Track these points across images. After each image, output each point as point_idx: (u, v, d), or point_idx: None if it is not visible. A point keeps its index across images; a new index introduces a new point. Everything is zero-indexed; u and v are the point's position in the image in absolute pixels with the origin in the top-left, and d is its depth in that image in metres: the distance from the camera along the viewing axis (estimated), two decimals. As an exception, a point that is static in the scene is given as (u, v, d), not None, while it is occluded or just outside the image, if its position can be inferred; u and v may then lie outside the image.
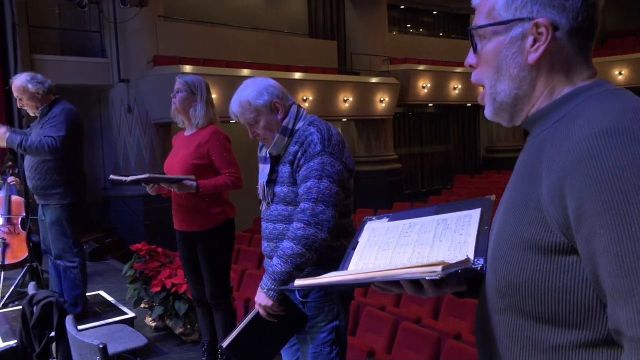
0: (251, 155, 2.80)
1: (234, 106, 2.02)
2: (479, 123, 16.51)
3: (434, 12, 15.97)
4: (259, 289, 1.91)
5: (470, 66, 0.96)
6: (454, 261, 0.87)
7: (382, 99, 11.90)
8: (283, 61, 10.89)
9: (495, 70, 0.89)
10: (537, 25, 0.85)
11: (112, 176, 2.81)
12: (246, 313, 1.98)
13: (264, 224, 2.11)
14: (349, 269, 1.13)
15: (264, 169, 2.07)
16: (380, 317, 3.99)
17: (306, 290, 2.01)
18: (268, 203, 2.07)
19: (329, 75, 11.21)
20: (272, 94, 2.01)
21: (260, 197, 2.10)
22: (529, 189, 0.82)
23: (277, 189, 2.03)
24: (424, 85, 12.70)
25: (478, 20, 0.92)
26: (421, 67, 12.75)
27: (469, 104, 14.47)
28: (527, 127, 0.93)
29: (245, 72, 9.60)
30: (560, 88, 0.87)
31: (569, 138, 0.77)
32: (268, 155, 2.05)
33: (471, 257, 0.94)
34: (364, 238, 1.19)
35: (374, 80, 11.87)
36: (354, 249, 1.18)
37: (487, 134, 16.43)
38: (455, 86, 13.36)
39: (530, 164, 0.85)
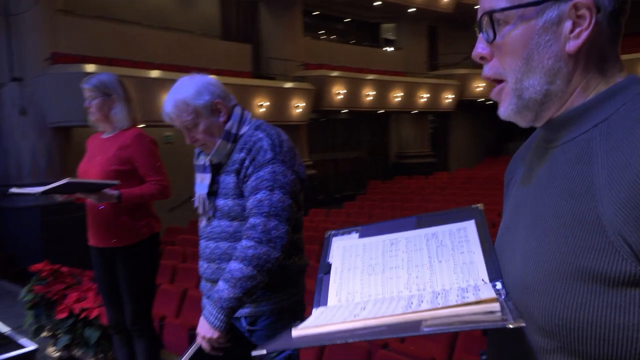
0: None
1: (169, 107, 1.75)
2: (390, 129, 16.94)
3: (346, 20, 16.18)
4: (202, 319, 1.66)
5: (482, 58, 0.79)
6: (487, 292, 0.71)
7: (297, 105, 11.80)
8: (195, 63, 10.42)
9: (524, 62, 0.74)
10: (576, 7, 0.70)
11: (13, 190, 2.38)
12: (189, 344, 1.71)
13: (203, 243, 1.85)
14: (329, 301, 0.91)
15: (204, 180, 1.82)
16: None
17: (254, 317, 1.79)
18: (209, 218, 1.82)
19: (244, 80, 10.91)
20: (214, 94, 1.76)
21: (200, 211, 1.85)
22: (578, 206, 0.68)
23: (220, 202, 1.78)
24: (339, 91, 12.77)
25: (495, 2, 0.74)
26: (335, 74, 12.81)
27: (380, 111, 14.76)
28: (551, 129, 0.78)
29: (155, 73, 9.07)
30: (595, 83, 0.74)
31: (636, 154, 0.63)
32: (208, 163, 1.80)
33: (485, 280, 0.78)
34: (336, 260, 0.98)
35: (289, 85, 11.74)
36: (326, 273, 0.97)
37: (397, 140, 16.89)
38: (368, 93, 13.57)
39: (571, 175, 0.71)
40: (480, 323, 0.63)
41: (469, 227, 0.90)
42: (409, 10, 15.17)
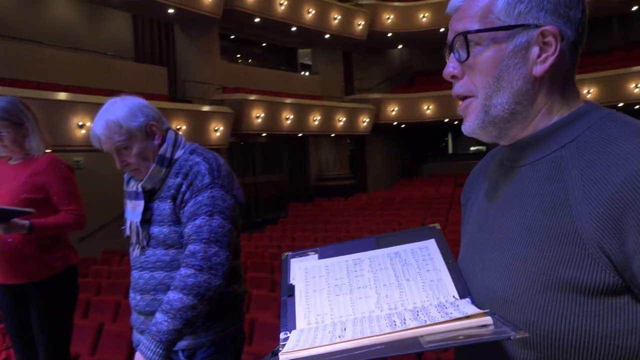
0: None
1: (99, 128, 1.64)
2: (309, 152, 17.11)
3: (264, 44, 16.29)
4: (138, 355, 1.54)
5: (453, 77, 0.83)
6: (469, 307, 0.72)
7: (216, 128, 11.62)
8: (107, 85, 9.99)
9: (495, 80, 0.78)
10: (543, 34, 0.75)
11: None
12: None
13: (136, 273, 1.73)
14: (298, 324, 0.88)
15: (136, 207, 1.71)
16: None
17: (192, 350, 1.69)
18: (142, 247, 1.70)
19: (160, 103, 10.57)
20: (148, 116, 1.68)
21: (133, 240, 1.73)
22: (555, 221, 0.71)
23: (155, 229, 1.68)
24: (258, 115, 12.74)
25: (468, 24, 0.79)
26: (254, 97, 12.78)
27: (299, 134, 14.89)
28: (518, 149, 0.82)
29: (62, 95, 8.57)
30: (559, 107, 0.80)
31: (614, 167, 0.68)
32: (140, 189, 1.70)
33: (456, 296, 0.80)
34: (299, 281, 0.96)
35: (207, 108, 11.54)
36: (290, 295, 0.94)
37: (317, 162, 17.09)
38: (287, 116, 13.66)
39: (545, 191, 0.75)
40: (482, 337, 0.63)
41: (431, 246, 0.92)
42: (325, 37, 15.56)
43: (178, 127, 10.65)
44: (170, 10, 11.11)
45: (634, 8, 15.07)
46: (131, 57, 11.87)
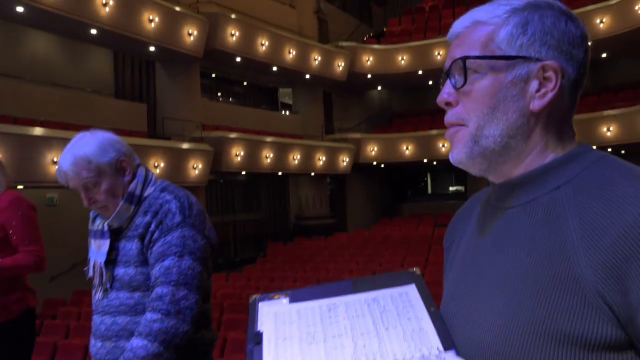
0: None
1: (66, 164, 1.56)
2: (289, 191, 17.05)
3: (245, 83, 16.41)
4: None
5: (447, 104, 0.79)
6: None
7: (195, 166, 11.52)
8: (85, 121, 9.87)
9: (490, 110, 0.74)
10: (544, 69, 0.72)
11: None
12: None
13: (97, 318, 1.62)
14: None
15: (101, 246, 1.62)
16: None
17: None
18: (105, 290, 1.61)
19: (138, 139, 10.49)
20: (119, 151, 1.61)
21: (95, 282, 1.63)
22: (552, 267, 0.66)
23: (120, 271, 1.59)
24: (238, 153, 12.70)
25: (467, 50, 0.76)
26: (234, 135, 12.77)
27: (279, 173, 14.86)
28: (508, 189, 0.77)
29: (38, 130, 8.43)
30: (553, 147, 0.76)
31: (615, 211, 0.64)
32: (107, 228, 1.61)
33: (440, 348, 0.74)
34: (268, 328, 0.88)
35: (186, 146, 11.46)
36: (258, 343, 0.86)
37: (297, 202, 17.01)
38: (267, 155, 13.65)
39: (540, 236, 0.70)
40: None
41: (411, 292, 0.86)
42: (306, 77, 15.77)
43: (156, 164, 10.54)
44: (152, 48, 11.16)
45: (604, 55, 15.68)
46: (111, 93, 11.82)
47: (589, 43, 0.78)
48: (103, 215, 1.64)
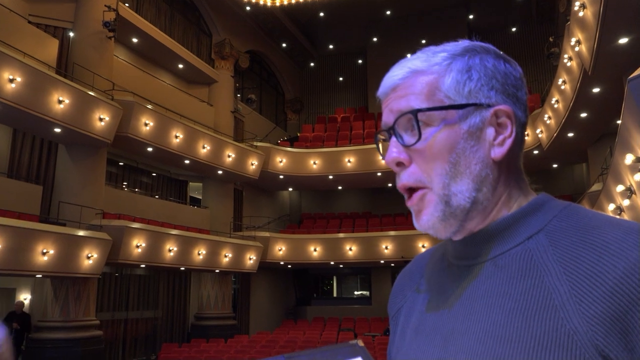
0: None
1: None
2: (190, 288, 16.19)
3: (154, 174, 16.00)
4: None
5: (399, 164, 0.71)
6: None
7: (89, 255, 10.68)
8: (-32, 200, 9.01)
9: (451, 166, 0.68)
10: (497, 115, 0.69)
11: None
12: None
13: None
14: None
15: None
16: None
17: None
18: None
19: (27, 223, 9.63)
20: None
21: None
22: (538, 325, 0.60)
23: None
24: (139, 244, 12.01)
25: (413, 102, 0.70)
26: (136, 225, 12.13)
27: (182, 268, 14.16)
28: (473, 244, 0.71)
29: None
30: (517, 195, 0.71)
31: (606, 257, 0.59)
32: None
33: None
34: None
35: (82, 233, 10.67)
36: None
37: (198, 300, 16.12)
38: (171, 248, 13.03)
39: (519, 291, 0.63)
40: None
41: None
42: (218, 172, 15.70)
43: (45, 250, 9.65)
44: (57, 130, 10.67)
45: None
46: (4, 172, 10.98)
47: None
48: None
